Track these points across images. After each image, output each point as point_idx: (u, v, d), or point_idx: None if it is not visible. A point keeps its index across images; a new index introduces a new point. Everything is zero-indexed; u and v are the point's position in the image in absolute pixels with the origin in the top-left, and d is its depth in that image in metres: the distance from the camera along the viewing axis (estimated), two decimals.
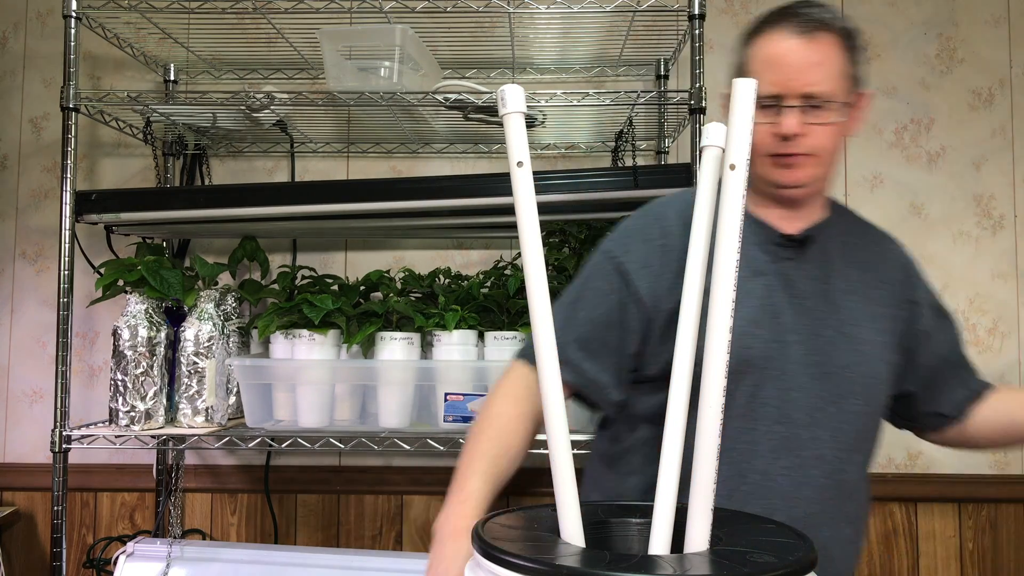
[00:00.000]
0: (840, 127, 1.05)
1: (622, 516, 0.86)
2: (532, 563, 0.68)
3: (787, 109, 1.02)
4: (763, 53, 1.04)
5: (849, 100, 1.05)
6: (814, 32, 1.02)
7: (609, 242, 1.13)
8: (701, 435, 0.75)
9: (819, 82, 1.01)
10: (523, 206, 0.83)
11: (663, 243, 1.08)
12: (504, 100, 0.84)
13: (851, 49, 1.06)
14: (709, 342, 0.74)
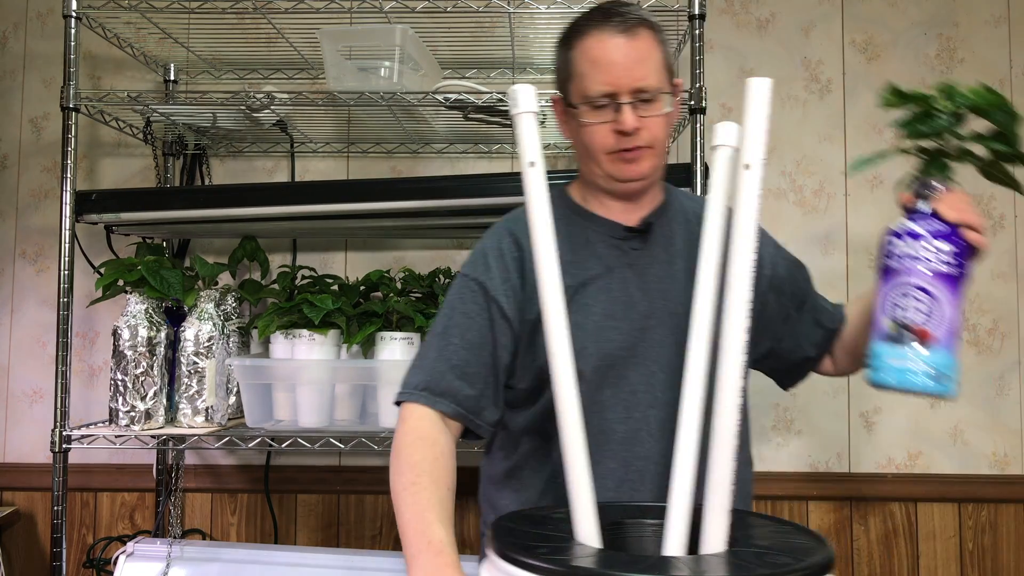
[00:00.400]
0: (669, 116, 1.11)
1: (636, 517, 0.86)
2: (550, 564, 0.68)
3: (623, 106, 1.05)
4: (590, 54, 1.07)
5: (671, 90, 1.11)
6: (634, 29, 1.07)
7: (467, 266, 1.16)
8: (716, 436, 0.75)
9: (647, 76, 1.06)
10: (535, 206, 0.83)
11: (517, 255, 1.12)
12: (516, 100, 0.84)
13: (664, 42, 1.12)
14: (724, 342, 0.73)
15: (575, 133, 1.13)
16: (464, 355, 1.08)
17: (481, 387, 1.08)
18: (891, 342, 0.94)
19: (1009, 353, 2.03)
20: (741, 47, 2.09)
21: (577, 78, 1.09)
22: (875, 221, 2.05)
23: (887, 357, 0.94)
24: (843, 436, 2.03)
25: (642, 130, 1.06)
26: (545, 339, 0.84)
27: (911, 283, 0.94)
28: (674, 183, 1.62)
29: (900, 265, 0.96)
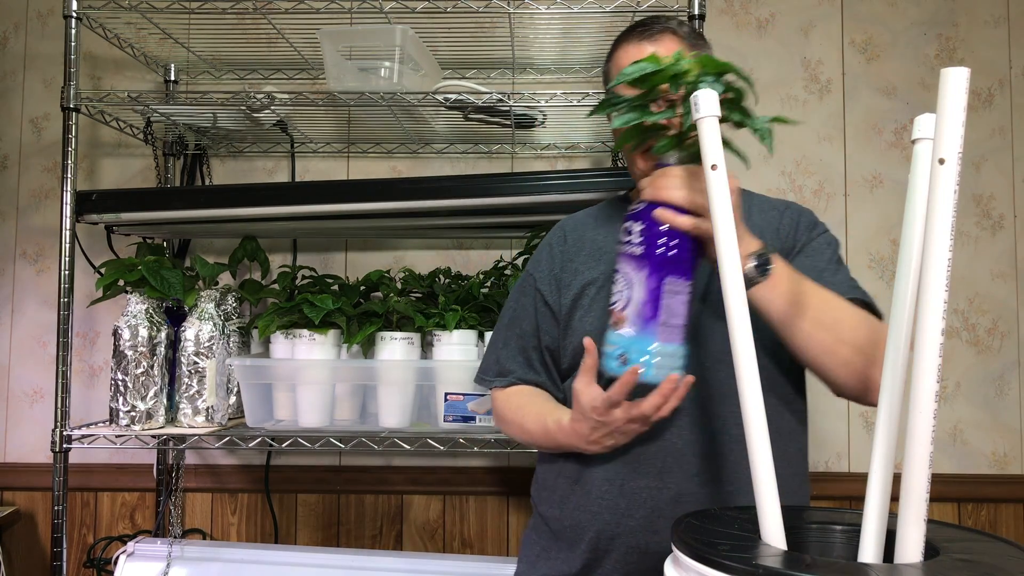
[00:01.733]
0: None
1: (822, 522, 0.86)
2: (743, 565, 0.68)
3: None
4: (618, 64, 1.17)
5: None
6: (656, 36, 1.14)
7: (530, 261, 1.30)
8: (912, 439, 0.73)
9: None
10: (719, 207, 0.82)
11: (562, 248, 1.24)
12: (697, 105, 0.84)
13: (694, 45, 1.16)
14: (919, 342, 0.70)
15: None
16: (522, 343, 1.23)
17: (542, 370, 1.22)
18: (608, 328, 0.95)
19: (1009, 353, 2.03)
20: (741, 47, 2.09)
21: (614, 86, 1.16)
22: (875, 221, 2.06)
23: (605, 344, 0.95)
24: (843, 436, 2.03)
25: None
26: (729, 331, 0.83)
27: (625, 267, 0.95)
28: None
29: (627, 249, 0.95)
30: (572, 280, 1.19)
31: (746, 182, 2.11)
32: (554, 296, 1.21)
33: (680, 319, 0.93)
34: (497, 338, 1.27)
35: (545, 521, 1.18)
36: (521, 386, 1.23)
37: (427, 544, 2.04)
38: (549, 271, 1.23)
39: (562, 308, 1.19)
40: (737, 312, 0.82)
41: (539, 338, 1.22)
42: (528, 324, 1.23)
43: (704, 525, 0.81)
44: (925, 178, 0.80)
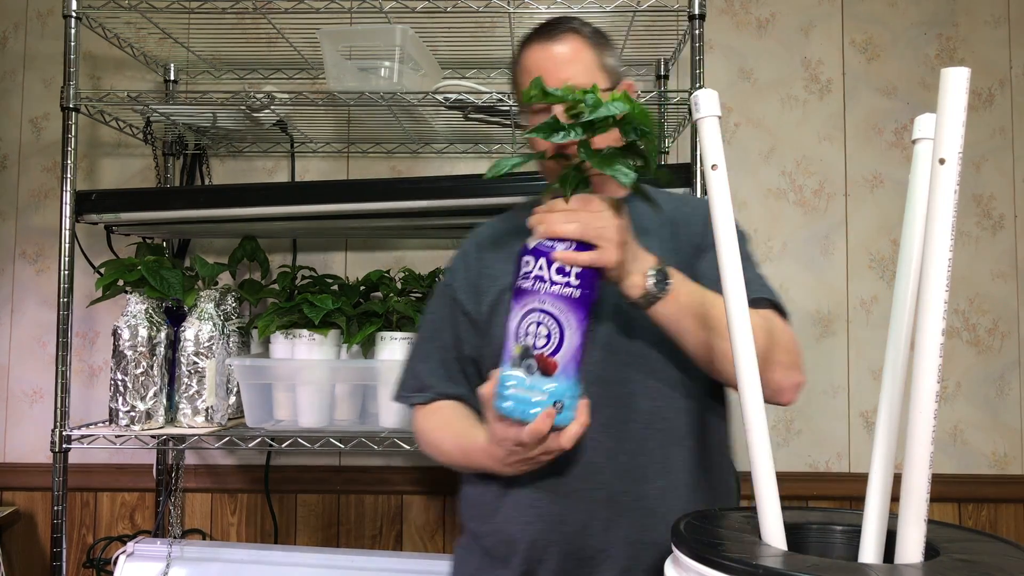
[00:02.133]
0: None
1: (822, 522, 0.86)
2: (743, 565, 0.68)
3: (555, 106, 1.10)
4: (524, 66, 1.16)
5: (609, 88, 1.14)
6: (559, 36, 1.14)
7: (445, 271, 1.27)
8: (912, 439, 0.73)
9: (574, 75, 1.10)
10: (719, 208, 0.83)
11: (477, 255, 1.21)
12: (697, 105, 0.84)
13: (597, 45, 1.15)
14: (920, 343, 0.70)
15: None
16: (442, 355, 1.19)
17: (463, 382, 1.18)
18: (516, 368, 0.90)
19: (1009, 353, 2.03)
20: (741, 47, 2.09)
21: (520, 89, 1.16)
22: (875, 221, 2.06)
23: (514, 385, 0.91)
24: (843, 436, 2.03)
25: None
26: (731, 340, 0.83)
27: (534, 306, 0.90)
28: (674, 183, 1.63)
29: (528, 286, 0.91)
30: (489, 286, 1.17)
31: (746, 182, 2.12)
32: (472, 304, 1.18)
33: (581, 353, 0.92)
34: (415, 352, 1.23)
35: (476, 538, 1.15)
36: (439, 403, 1.18)
37: (427, 544, 2.04)
38: (466, 279, 1.20)
39: (481, 316, 1.16)
40: (738, 313, 0.82)
41: (460, 349, 1.18)
42: (448, 335, 1.19)
43: (704, 525, 0.81)
44: (925, 178, 0.80)
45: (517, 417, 0.90)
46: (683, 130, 1.93)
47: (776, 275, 2.05)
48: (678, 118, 1.92)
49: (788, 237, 2.06)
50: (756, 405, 0.80)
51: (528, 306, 0.91)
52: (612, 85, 1.14)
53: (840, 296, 2.05)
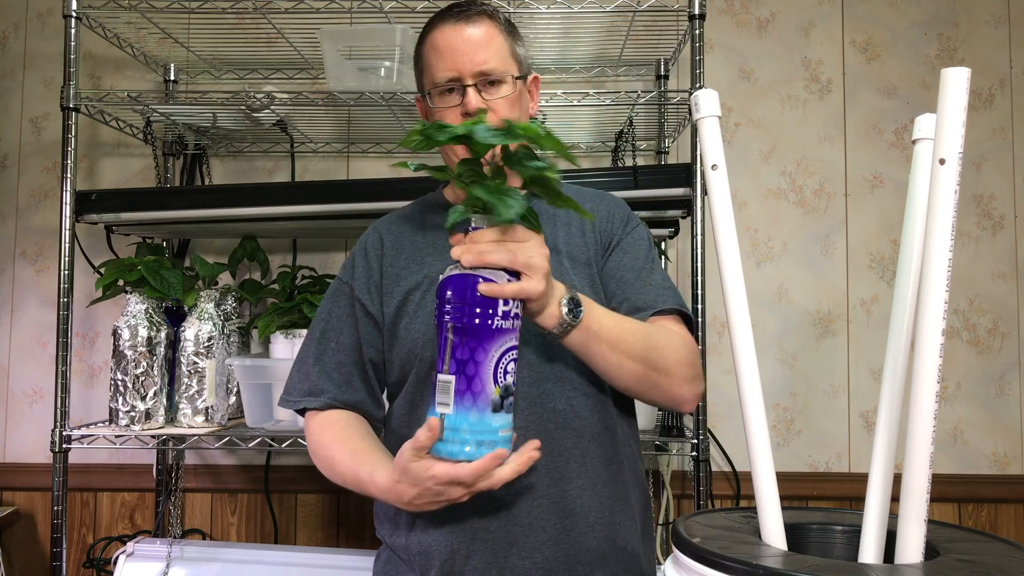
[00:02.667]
0: (518, 101, 1.12)
1: (822, 522, 0.86)
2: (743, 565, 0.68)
3: (467, 88, 1.09)
4: (434, 45, 1.11)
5: (521, 76, 1.13)
6: (473, 18, 1.10)
7: (341, 268, 1.20)
8: (912, 439, 0.73)
9: (489, 59, 1.09)
10: (719, 208, 0.83)
11: (379, 252, 1.15)
12: (697, 105, 0.84)
13: (510, 33, 1.13)
14: (919, 343, 0.71)
15: None
16: (339, 358, 1.12)
17: (362, 387, 1.13)
18: (498, 411, 0.86)
19: (1009, 353, 2.03)
20: (741, 47, 2.09)
21: (427, 69, 1.13)
22: (875, 221, 2.06)
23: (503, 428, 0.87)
24: (843, 436, 2.03)
25: (488, 112, 1.07)
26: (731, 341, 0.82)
27: (513, 343, 0.87)
28: (674, 183, 1.63)
29: (508, 325, 0.87)
30: (394, 287, 1.12)
31: (746, 182, 2.11)
32: (375, 305, 1.12)
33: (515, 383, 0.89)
34: (306, 354, 1.14)
35: (395, 552, 1.11)
36: (336, 413, 1.11)
37: None
38: (367, 278, 1.14)
39: (385, 317, 1.11)
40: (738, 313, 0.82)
41: (361, 352, 1.12)
42: (347, 337, 1.13)
43: (704, 525, 0.81)
44: (926, 178, 0.80)
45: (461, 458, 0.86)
46: (683, 130, 1.93)
47: (776, 275, 2.05)
48: (678, 118, 1.92)
49: (788, 237, 2.06)
50: (756, 406, 0.80)
51: (506, 344, 0.87)
52: (523, 75, 1.13)
53: (840, 296, 2.05)
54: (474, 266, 0.87)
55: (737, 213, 1.94)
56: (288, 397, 1.14)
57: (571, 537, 1.03)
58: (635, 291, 1.11)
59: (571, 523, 1.03)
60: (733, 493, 2.00)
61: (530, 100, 1.18)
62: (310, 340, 1.16)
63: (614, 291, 1.12)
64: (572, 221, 1.15)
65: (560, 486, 1.04)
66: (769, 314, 2.04)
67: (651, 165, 2.03)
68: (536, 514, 1.03)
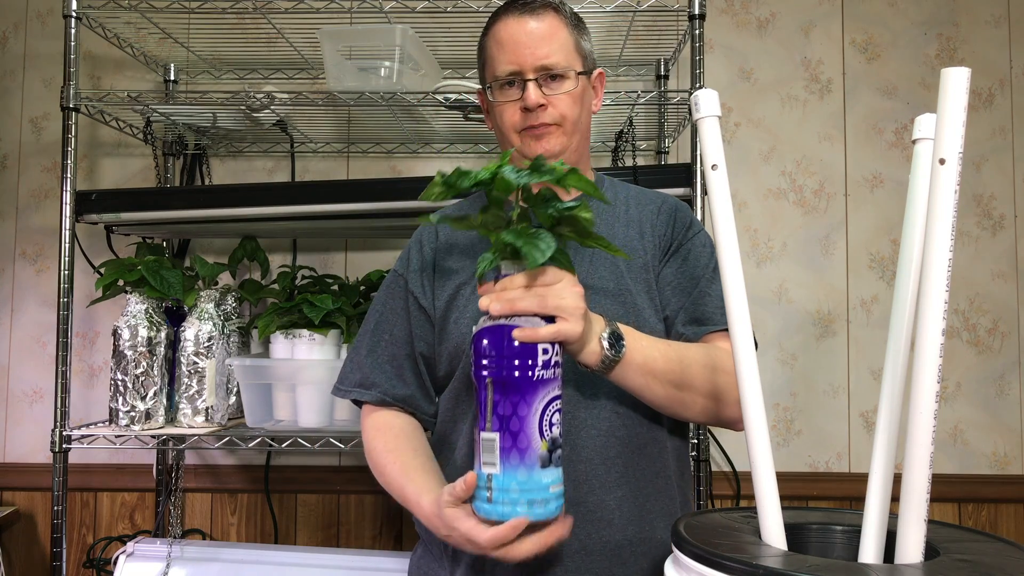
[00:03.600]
0: (580, 97, 1.10)
1: (822, 522, 0.86)
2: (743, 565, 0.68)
3: (528, 83, 1.07)
4: (496, 38, 1.10)
5: (585, 72, 1.12)
6: (538, 11, 1.09)
7: (397, 260, 1.19)
8: (912, 439, 0.73)
9: (551, 54, 1.07)
10: (719, 208, 0.82)
11: (433, 245, 1.15)
12: (698, 105, 0.84)
13: (575, 27, 1.12)
14: (920, 345, 0.70)
15: (493, 119, 1.14)
16: (392, 350, 1.12)
17: (413, 381, 1.12)
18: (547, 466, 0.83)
19: (1009, 353, 2.03)
20: (741, 47, 2.09)
21: (489, 62, 1.12)
22: (875, 221, 2.06)
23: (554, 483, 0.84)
24: (843, 436, 2.03)
25: (548, 107, 1.08)
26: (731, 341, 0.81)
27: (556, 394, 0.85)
28: (674, 183, 1.63)
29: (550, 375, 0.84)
30: (446, 280, 1.11)
31: (746, 182, 2.11)
32: (428, 298, 1.12)
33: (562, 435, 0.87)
34: (360, 345, 1.15)
35: (428, 548, 1.12)
36: (392, 416, 1.11)
37: None
38: (420, 271, 1.14)
39: (436, 311, 1.11)
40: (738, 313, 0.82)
41: (413, 345, 1.11)
42: (400, 329, 1.12)
43: (704, 525, 0.81)
44: (926, 178, 0.80)
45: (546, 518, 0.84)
46: (683, 130, 1.93)
47: (776, 275, 2.05)
48: (678, 118, 1.92)
49: (788, 237, 2.06)
50: (756, 406, 0.80)
51: (550, 395, 0.84)
52: (587, 71, 1.12)
53: (840, 296, 2.05)
54: (504, 314, 0.84)
55: (737, 213, 1.94)
56: (340, 386, 1.15)
57: (606, 549, 1.01)
58: (693, 301, 1.09)
59: (607, 535, 1.01)
60: (733, 493, 2.00)
61: (594, 96, 1.17)
62: (364, 331, 1.15)
63: (670, 299, 1.10)
64: (631, 222, 1.13)
65: (599, 495, 1.02)
66: (769, 314, 2.04)
67: (651, 165, 2.03)
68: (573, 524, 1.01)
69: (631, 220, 1.13)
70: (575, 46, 1.10)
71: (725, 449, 1.99)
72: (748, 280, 0.98)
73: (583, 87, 1.11)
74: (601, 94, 1.19)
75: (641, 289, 1.09)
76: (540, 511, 0.83)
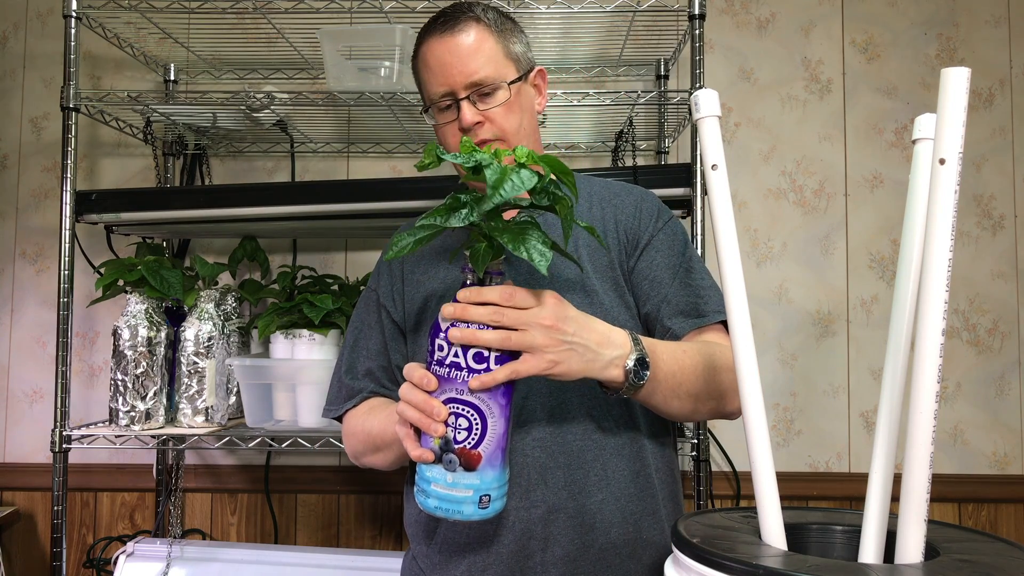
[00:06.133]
0: (517, 105, 1.08)
1: (822, 522, 0.86)
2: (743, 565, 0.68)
3: (461, 103, 1.05)
4: (424, 61, 1.09)
5: (519, 77, 1.08)
6: (459, 26, 1.06)
7: (371, 276, 1.20)
8: (912, 439, 0.73)
9: (479, 68, 1.05)
10: (719, 208, 0.82)
11: (400, 260, 1.13)
12: (698, 105, 0.83)
13: (501, 32, 1.08)
14: (920, 346, 0.70)
15: (441, 141, 1.12)
16: (368, 364, 1.13)
17: (392, 388, 1.12)
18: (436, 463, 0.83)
19: (1009, 353, 2.03)
20: (741, 47, 2.09)
21: (423, 87, 1.11)
22: (875, 221, 2.06)
23: (434, 482, 0.83)
24: (843, 436, 2.03)
25: (485, 123, 1.06)
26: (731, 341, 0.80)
27: (451, 395, 0.82)
28: (674, 183, 1.62)
29: (444, 373, 0.83)
30: (415, 293, 1.11)
31: (746, 182, 2.11)
32: (399, 311, 1.12)
33: (507, 439, 0.85)
34: (340, 363, 1.16)
35: (416, 558, 1.12)
36: (371, 399, 1.11)
37: None
38: (390, 285, 1.14)
39: (407, 323, 1.11)
40: (738, 313, 0.82)
41: (388, 357, 1.12)
42: (375, 343, 1.13)
43: (704, 525, 0.81)
44: (925, 178, 0.80)
45: (442, 516, 0.84)
46: (683, 130, 1.93)
47: (776, 275, 2.05)
48: (678, 118, 1.92)
49: (788, 237, 2.06)
50: (756, 406, 0.80)
51: (445, 395, 0.82)
52: (521, 75, 1.08)
53: (840, 296, 2.05)
54: (464, 344, 0.81)
55: (737, 213, 1.94)
56: (329, 408, 1.15)
57: (590, 553, 1.00)
58: (674, 292, 1.06)
59: (591, 539, 1.00)
60: (733, 493, 2.00)
61: (537, 95, 1.14)
62: (344, 349, 1.17)
63: (648, 293, 1.07)
64: (595, 220, 1.11)
65: (579, 500, 1.01)
66: (769, 314, 2.04)
67: (651, 165, 2.03)
68: (553, 529, 1.00)
69: (594, 219, 1.11)
70: (504, 53, 1.07)
71: (725, 449, 1.99)
72: (748, 280, 0.98)
73: (518, 94, 1.08)
74: (544, 91, 1.15)
75: (608, 287, 1.07)
76: (426, 503, 0.84)
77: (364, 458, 1.09)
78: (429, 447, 0.83)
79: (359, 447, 1.08)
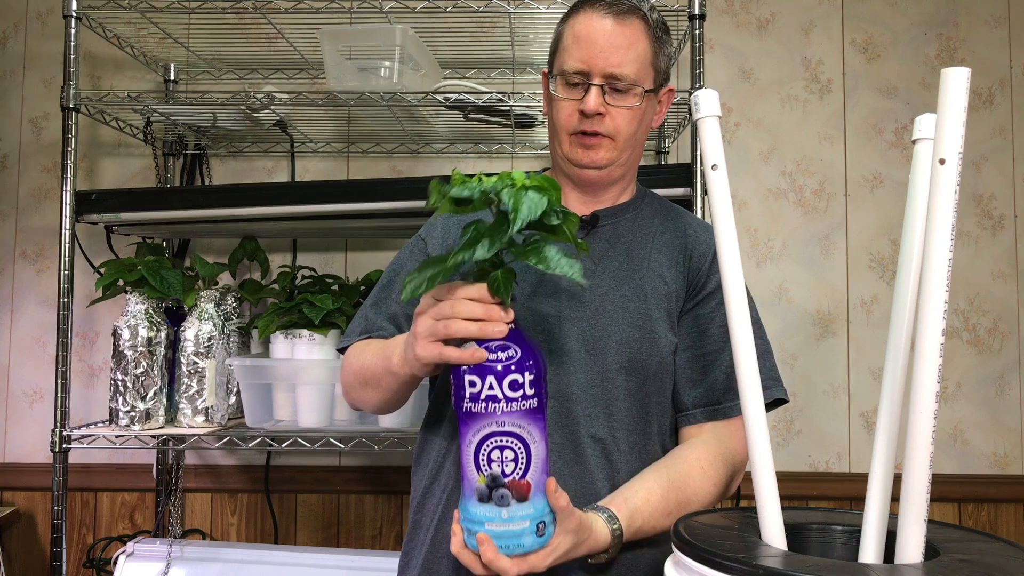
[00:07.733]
0: (641, 114, 1.06)
1: (822, 522, 0.86)
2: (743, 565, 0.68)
3: (592, 87, 1.03)
4: (575, 30, 1.05)
5: (653, 89, 1.07)
6: (624, 15, 1.03)
7: (424, 226, 1.18)
8: (912, 439, 0.73)
9: (623, 64, 1.02)
10: (719, 208, 0.82)
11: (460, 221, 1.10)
12: (698, 105, 0.83)
13: (658, 40, 1.07)
14: (919, 349, 0.70)
15: (549, 108, 1.10)
16: (395, 309, 1.10)
17: None
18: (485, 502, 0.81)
19: (1009, 353, 2.03)
20: (741, 47, 2.09)
21: (560, 51, 1.07)
22: (875, 221, 2.06)
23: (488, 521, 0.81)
24: (843, 436, 2.03)
25: (605, 117, 1.04)
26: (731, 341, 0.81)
27: (492, 430, 0.81)
28: (674, 183, 1.62)
29: (480, 409, 0.81)
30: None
31: (746, 182, 2.11)
32: None
33: (548, 460, 0.86)
34: (369, 298, 1.14)
35: (408, 557, 1.10)
36: None
37: None
38: (443, 240, 1.12)
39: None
40: (738, 313, 0.82)
41: None
42: None
43: (704, 525, 0.81)
44: (926, 178, 0.80)
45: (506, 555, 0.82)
46: (683, 130, 1.93)
47: (776, 275, 2.05)
48: (678, 118, 1.92)
49: (788, 237, 2.06)
50: (756, 406, 0.80)
51: (484, 431, 0.81)
52: (655, 88, 1.07)
53: (840, 296, 2.05)
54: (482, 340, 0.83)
55: (737, 213, 1.94)
56: (346, 338, 1.13)
57: (589, 565, 0.98)
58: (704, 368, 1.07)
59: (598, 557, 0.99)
60: (733, 493, 2.00)
61: (656, 112, 1.12)
62: (378, 285, 1.14)
63: (695, 340, 1.08)
64: (664, 248, 1.10)
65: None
66: (769, 314, 2.04)
67: (651, 165, 2.03)
68: None
69: (667, 244, 1.10)
70: (651, 61, 1.05)
71: None
72: (748, 280, 0.98)
73: (646, 105, 1.07)
74: (666, 110, 1.14)
75: (662, 316, 1.06)
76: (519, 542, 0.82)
77: (353, 393, 1.08)
78: (474, 488, 0.82)
79: (349, 378, 1.07)
